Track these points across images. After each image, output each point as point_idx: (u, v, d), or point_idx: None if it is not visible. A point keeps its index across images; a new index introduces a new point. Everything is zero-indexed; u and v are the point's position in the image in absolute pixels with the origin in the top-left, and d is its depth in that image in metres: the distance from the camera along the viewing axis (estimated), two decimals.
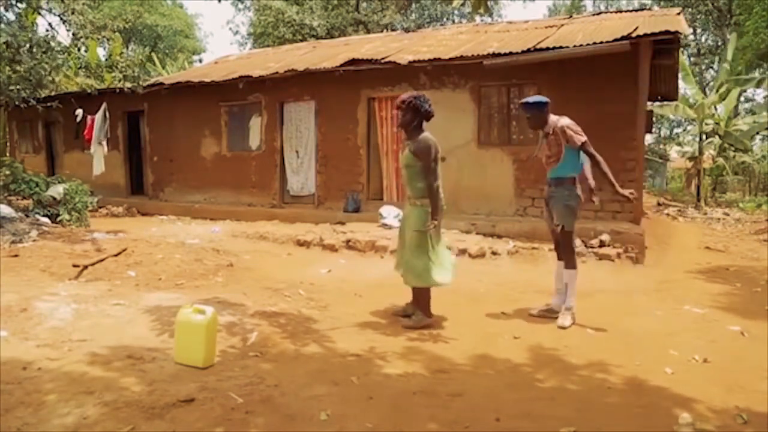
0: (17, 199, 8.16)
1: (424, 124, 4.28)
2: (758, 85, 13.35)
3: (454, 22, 22.12)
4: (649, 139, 20.52)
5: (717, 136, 15.72)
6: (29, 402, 2.56)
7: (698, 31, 25.21)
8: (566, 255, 4.45)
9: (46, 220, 7.85)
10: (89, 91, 10.18)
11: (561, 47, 7.58)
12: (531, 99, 4.48)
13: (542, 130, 4.47)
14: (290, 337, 3.78)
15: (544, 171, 4.60)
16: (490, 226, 7.79)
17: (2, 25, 7.84)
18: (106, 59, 12.36)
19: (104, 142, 11.47)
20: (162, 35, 30.70)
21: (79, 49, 8.69)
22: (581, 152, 4.38)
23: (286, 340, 3.72)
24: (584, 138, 4.33)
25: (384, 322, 4.30)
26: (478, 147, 8.64)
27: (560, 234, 4.46)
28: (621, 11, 11.39)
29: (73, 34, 8.38)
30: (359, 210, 9.37)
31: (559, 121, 4.38)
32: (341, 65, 9.23)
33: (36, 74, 7.78)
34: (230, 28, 34.39)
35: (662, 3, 21.63)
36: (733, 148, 16.12)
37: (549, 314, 4.47)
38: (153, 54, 23.11)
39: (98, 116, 11.42)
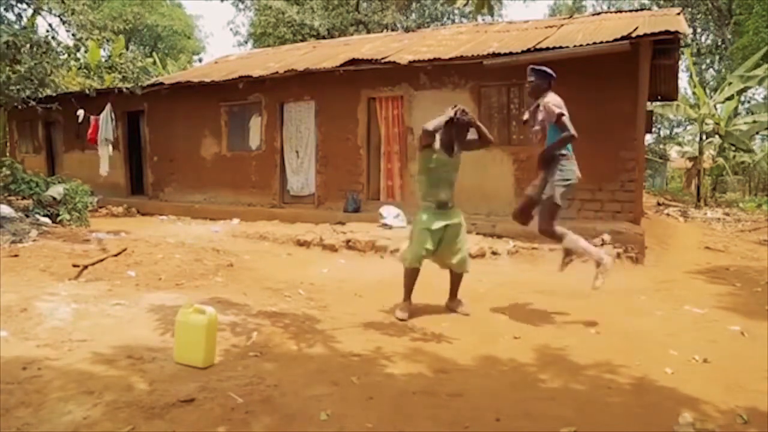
0: (17, 199, 8.16)
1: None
2: (761, 82, 13.36)
3: (454, 21, 22.11)
4: (649, 139, 20.50)
5: (717, 136, 15.73)
6: (29, 402, 2.56)
7: (698, 31, 25.19)
8: (547, 231, 4.40)
9: (46, 220, 7.85)
10: (87, 92, 10.18)
11: (561, 47, 7.58)
12: (542, 67, 4.51)
13: (535, 102, 4.49)
14: (291, 337, 3.78)
15: None
16: (490, 226, 7.79)
17: (2, 26, 7.85)
18: (107, 59, 12.38)
19: (110, 143, 11.50)
20: (162, 35, 30.73)
21: (78, 50, 8.68)
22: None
23: (286, 340, 3.72)
24: (561, 111, 4.24)
25: (385, 322, 4.29)
26: None
27: (544, 203, 4.39)
28: (621, 11, 11.39)
29: (73, 35, 8.38)
30: (359, 210, 9.37)
31: (547, 97, 4.38)
32: (341, 65, 9.23)
33: (38, 74, 7.79)
34: (231, 29, 34.35)
35: (662, 3, 21.61)
36: (733, 148, 16.12)
37: (568, 260, 4.57)
38: (154, 54, 23.12)
39: (103, 116, 11.44)
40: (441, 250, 4.49)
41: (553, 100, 4.32)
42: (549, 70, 4.47)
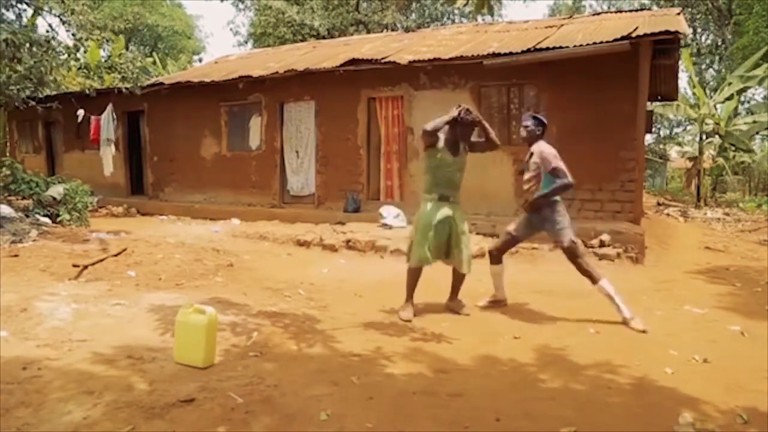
0: (17, 199, 8.16)
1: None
2: (761, 82, 13.37)
3: (454, 21, 22.12)
4: (649, 139, 20.52)
5: (717, 136, 15.73)
6: (29, 402, 2.56)
7: (698, 31, 25.19)
8: (582, 272, 4.47)
9: (46, 220, 7.85)
10: (87, 92, 10.18)
11: (561, 47, 7.59)
12: (538, 115, 4.76)
13: (529, 149, 4.66)
14: (291, 337, 3.78)
15: None
16: (490, 226, 7.78)
17: (2, 24, 7.85)
18: (107, 60, 12.39)
19: (112, 144, 11.52)
20: (162, 35, 30.75)
21: (78, 50, 8.69)
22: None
23: (286, 340, 3.72)
24: (556, 164, 4.40)
25: (385, 322, 4.29)
26: None
27: (567, 251, 4.49)
28: (621, 11, 11.39)
29: (73, 35, 8.38)
30: (359, 210, 9.37)
31: (541, 146, 4.55)
32: (341, 65, 9.23)
33: (37, 72, 7.79)
34: (231, 29, 34.36)
35: (662, 3, 21.61)
36: (733, 148, 16.12)
37: (496, 305, 4.78)
38: (154, 54, 23.13)
39: (105, 117, 11.45)
40: (448, 245, 4.49)
41: (547, 150, 4.50)
42: (544, 119, 4.69)
